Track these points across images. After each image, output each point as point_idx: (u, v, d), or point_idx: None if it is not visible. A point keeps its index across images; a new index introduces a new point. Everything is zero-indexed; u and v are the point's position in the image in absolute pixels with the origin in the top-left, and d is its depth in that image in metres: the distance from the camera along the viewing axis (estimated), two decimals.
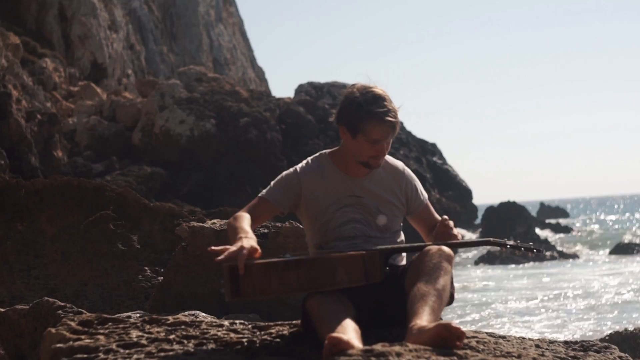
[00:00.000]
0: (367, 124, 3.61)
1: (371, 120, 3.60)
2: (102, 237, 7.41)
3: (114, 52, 42.04)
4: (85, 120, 30.82)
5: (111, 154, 28.87)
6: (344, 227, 3.75)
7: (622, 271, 20.86)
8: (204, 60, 55.36)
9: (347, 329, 3.06)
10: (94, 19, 40.44)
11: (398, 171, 3.91)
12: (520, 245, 3.68)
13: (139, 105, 31.28)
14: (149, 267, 7.28)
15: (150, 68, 48.13)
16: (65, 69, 36.17)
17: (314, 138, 30.56)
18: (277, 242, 6.29)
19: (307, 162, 3.86)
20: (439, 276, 3.31)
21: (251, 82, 63.25)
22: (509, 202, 38.11)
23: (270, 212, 3.78)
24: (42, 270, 7.34)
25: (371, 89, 3.67)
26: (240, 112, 29.76)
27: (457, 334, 2.96)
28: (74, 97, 34.57)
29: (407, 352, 2.77)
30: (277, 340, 3.38)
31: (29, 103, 27.70)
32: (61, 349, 3.09)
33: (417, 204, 3.93)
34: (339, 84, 35.85)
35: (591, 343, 3.85)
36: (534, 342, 3.75)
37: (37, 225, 7.62)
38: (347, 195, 3.78)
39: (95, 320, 3.39)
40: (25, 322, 4.72)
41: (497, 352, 3.34)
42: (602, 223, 58.35)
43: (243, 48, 67.42)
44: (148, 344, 3.17)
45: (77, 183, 7.92)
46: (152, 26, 51.04)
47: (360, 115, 3.62)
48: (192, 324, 3.46)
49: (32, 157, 24.86)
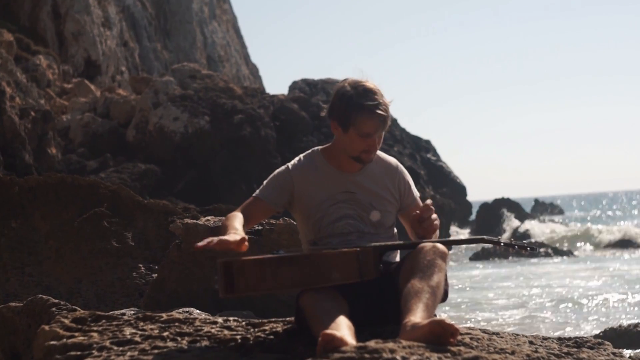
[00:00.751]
0: (357, 117, 3.62)
1: (362, 113, 3.61)
2: (96, 234, 7.40)
3: (108, 49, 41.96)
4: (79, 117, 30.75)
5: (105, 151, 28.78)
6: (338, 223, 3.75)
7: (617, 267, 20.89)
8: (198, 57, 55.26)
9: (341, 325, 3.06)
10: (88, 16, 40.35)
11: (391, 167, 3.91)
12: (514, 243, 3.68)
13: (133, 102, 31.20)
14: (143, 264, 7.27)
15: (144, 65, 48.03)
16: (59, 66, 36.08)
17: (308, 135, 30.52)
18: (271, 239, 6.29)
19: (299, 159, 3.87)
20: (433, 273, 3.31)
21: (245, 79, 63.17)
22: (503, 198, 38.15)
23: (265, 211, 3.78)
24: (36, 268, 7.33)
25: (362, 83, 3.67)
26: (234, 109, 29.71)
27: (450, 331, 2.95)
28: (68, 94, 34.49)
29: (400, 348, 2.78)
30: (271, 337, 3.38)
31: (23, 100, 27.62)
32: (55, 346, 3.09)
33: (410, 201, 3.93)
34: (332, 81, 35.79)
35: (585, 339, 3.85)
36: (528, 338, 3.75)
37: (31, 222, 7.61)
38: (340, 191, 3.78)
39: (88, 318, 3.38)
40: (19, 319, 4.72)
41: (490, 348, 3.35)
42: (597, 219, 58.41)
43: (237, 45, 67.33)
44: (142, 341, 3.16)
45: (71, 180, 7.92)
46: (145, 23, 50.93)
47: (350, 108, 3.62)
48: (186, 321, 3.45)
49: (26, 154, 24.79)
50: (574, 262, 23.18)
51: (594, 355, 3.56)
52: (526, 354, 3.27)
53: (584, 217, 65.20)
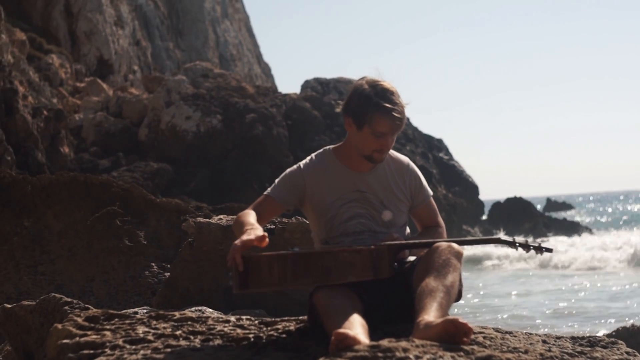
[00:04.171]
0: (374, 116, 3.61)
1: (379, 112, 3.60)
2: (108, 233, 7.41)
3: (120, 48, 42.06)
4: (92, 116, 30.83)
5: (117, 150, 28.86)
6: (350, 222, 3.74)
7: (631, 269, 20.79)
8: (210, 57, 55.33)
9: (354, 324, 3.06)
10: (100, 15, 40.46)
11: (403, 166, 3.91)
12: (529, 244, 3.66)
13: (145, 101, 31.27)
14: (155, 263, 7.28)
15: (157, 64, 48.12)
16: (72, 65, 36.18)
17: (320, 134, 30.53)
18: (284, 238, 6.28)
19: (311, 159, 3.86)
20: (447, 272, 3.30)
21: (257, 78, 63.22)
22: (515, 197, 38.06)
23: (276, 210, 3.78)
24: (48, 266, 7.35)
25: (381, 83, 3.67)
26: (246, 108, 29.75)
27: (464, 330, 2.94)
28: (80, 93, 34.59)
29: (413, 347, 2.76)
30: (284, 336, 3.37)
31: (35, 99, 27.70)
32: (67, 345, 3.09)
33: (420, 201, 3.92)
34: (345, 80, 35.80)
35: (598, 338, 3.84)
36: (541, 337, 3.74)
37: (43, 221, 7.62)
38: (352, 190, 3.77)
39: (101, 316, 3.38)
40: (32, 318, 4.72)
41: (504, 347, 3.34)
42: (611, 217, 58.22)
43: (249, 44, 67.38)
44: (154, 340, 3.16)
45: (84, 179, 7.92)
46: (158, 22, 51.02)
47: (368, 107, 3.62)
48: (199, 320, 3.45)
49: (39, 153, 24.87)
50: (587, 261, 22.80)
51: (608, 354, 3.55)
52: (539, 353, 3.26)
53: (598, 215, 64.72)
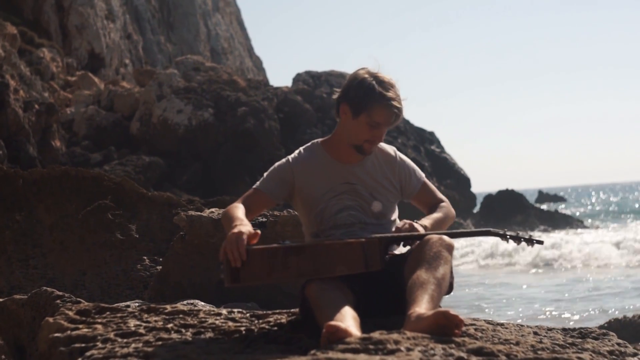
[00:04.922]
0: (373, 105, 3.62)
1: (378, 102, 3.62)
2: (100, 227, 7.40)
3: (112, 41, 41.96)
4: (83, 110, 30.77)
5: (109, 144, 28.81)
6: (340, 214, 3.75)
7: (622, 260, 20.82)
8: (202, 50, 55.27)
9: (346, 316, 3.06)
10: (91, 8, 40.36)
11: (390, 156, 3.91)
12: (520, 236, 3.67)
13: (137, 95, 31.22)
14: (147, 257, 7.27)
15: (148, 58, 48.04)
16: (63, 58, 36.11)
17: (311, 127, 30.53)
18: (275, 231, 6.28)
19: (300, 152, 3.87)
20: (439, 265, 3.31)
21: (249, 71, 63.16)
22: (507, 190, 38.08)
23: (265, 203, 3.78)
24: (40, 260, 7.33)
25: (381, 75, 3.69)
26: (238, 102, 29.72)
27: (455, 322, 2.95)
28: (72, 87, 34.52)
29: (405, 339, 2.77)
30: (275, 328, 3.37)
31: (27, 93, 27.64)
32: (59, 338, 3.09)
33: (412, 188, 3.93)
34: (336, 73, 35.83)
35: (589, 330, 3.85)
36: (532, 329, 3.75)
37: (35, 215, 7.61)
38: (341, 182, 3.78)
39: (93, 310, 3.38)
40: (23, 311, 4.71)
41: (495, 339, 3.34)
42: (602, 209, 58.33)
43: (240, 37, 67.32)
44: (146, 333, 3.16)
45: (75, 173, 7.90)
46: (149, 16, 50.92)
47: (369, 95, 3.63)
48: (190, 313, 3.45)
49: (30, 147, 24.81)
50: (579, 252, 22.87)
51: (599, 345, 3.56)
52: (531, 345, 3.26)
53: (589, 207, 64.85)
